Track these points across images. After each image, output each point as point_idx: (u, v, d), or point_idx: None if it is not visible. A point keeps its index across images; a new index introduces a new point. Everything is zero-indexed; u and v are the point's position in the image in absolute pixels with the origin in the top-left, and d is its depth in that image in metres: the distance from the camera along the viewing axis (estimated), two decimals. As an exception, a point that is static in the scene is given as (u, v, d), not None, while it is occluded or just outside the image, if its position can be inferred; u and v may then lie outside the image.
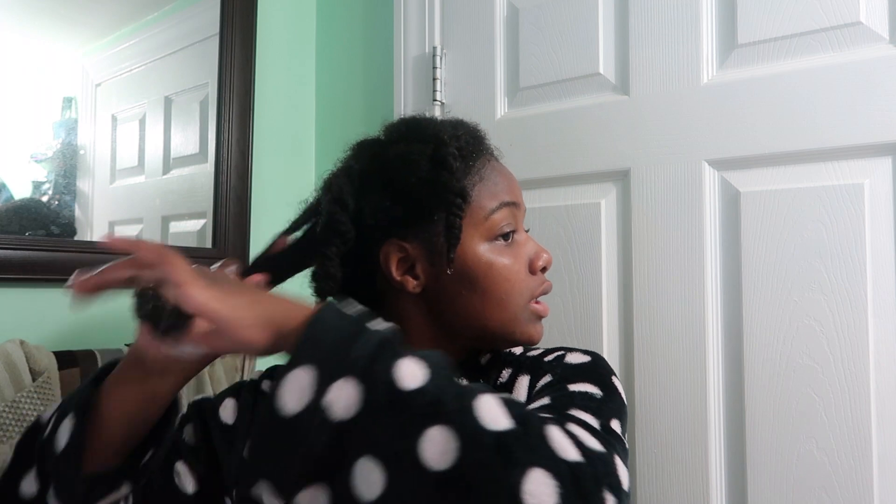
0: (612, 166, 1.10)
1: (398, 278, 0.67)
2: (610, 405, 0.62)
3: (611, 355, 1.09)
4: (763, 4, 0.98)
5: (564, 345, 1.10)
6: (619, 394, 0.65)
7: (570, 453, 0.45)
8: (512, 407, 0.47)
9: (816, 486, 0.91)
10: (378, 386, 0.44)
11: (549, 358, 0.70)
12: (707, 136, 1.01)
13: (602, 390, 0.63)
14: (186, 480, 0.65)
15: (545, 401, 0.60)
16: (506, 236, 0.68)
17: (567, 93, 1.16)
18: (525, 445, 0.44)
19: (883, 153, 0.89)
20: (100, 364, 0.98)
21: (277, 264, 0.68)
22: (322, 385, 0.44)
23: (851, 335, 0.90)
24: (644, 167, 1.07)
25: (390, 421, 0.44)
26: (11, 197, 1.02)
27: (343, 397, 0.44)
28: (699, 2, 1.03)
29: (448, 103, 1.28)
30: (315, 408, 0.44)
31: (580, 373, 0.66)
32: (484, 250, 0.66)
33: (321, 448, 0.44)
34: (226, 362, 1.11)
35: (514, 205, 0.69)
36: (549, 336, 0.80)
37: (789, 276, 0.94)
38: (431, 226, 0.65)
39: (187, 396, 0.98)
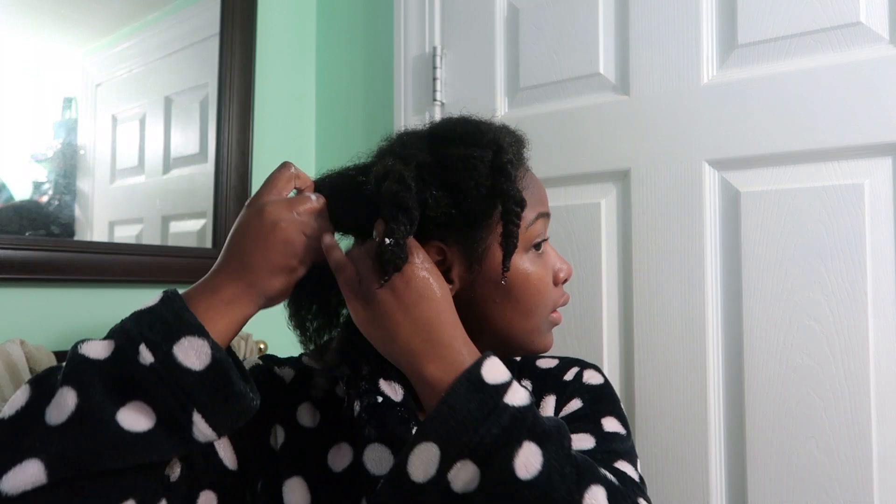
0: (612, 166, 1.10)
1: None
2: (632, 443, 0.69)
3: (611, 355, 1.09)
4: (763, 4, 0.98)
5: (564, 344, 1.11)
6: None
7: None
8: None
9: (816, 486, 0.91)
10: (496, 472, 0.51)
11: (569, 377, 0.74)
12: (707, 136, 1.01)
13: (623, 426, 0.69)
14: (227, 456, 0.63)
15: (589, 444, 0.65)
16: (537, 246, 0.68)
17: (567, 93, 1.16)
18: None
19: (883, 153, 0.89)
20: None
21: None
22: (445, 464, 0.51)
23: (851, 335, 0.90)
24: (644, 167, 1.07)
25: (504, 502, 0.51)
26: (11, 197, 1.02)
27: (463, 476, 0.51)
28: (699, 2, 1.03)
29: (448, 103, 1.28)
30: (439, 480, 0.51)
31: (603, 400, 0.72)
32: (522, 260, 0.66)
33: None
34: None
35: (547, 216, 0.70)
36: (549, 336, 0.80)
37: (789, 276, 0.94)
38: (476, 232, 0.64)
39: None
